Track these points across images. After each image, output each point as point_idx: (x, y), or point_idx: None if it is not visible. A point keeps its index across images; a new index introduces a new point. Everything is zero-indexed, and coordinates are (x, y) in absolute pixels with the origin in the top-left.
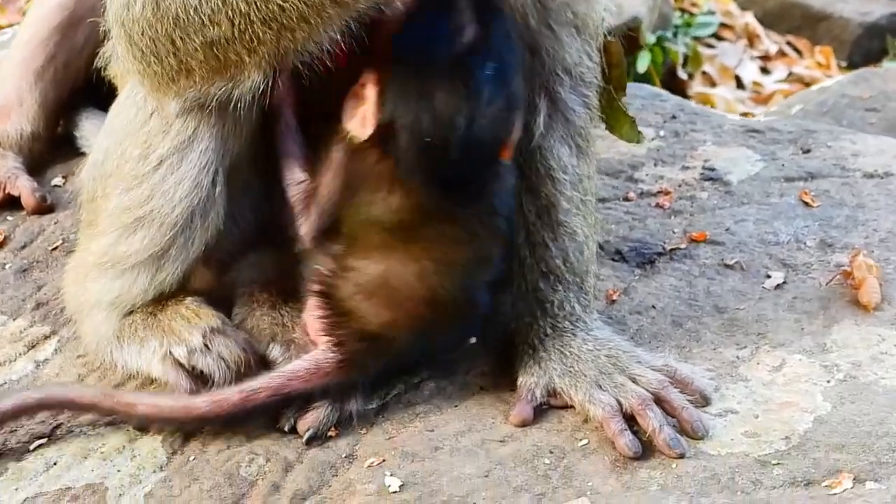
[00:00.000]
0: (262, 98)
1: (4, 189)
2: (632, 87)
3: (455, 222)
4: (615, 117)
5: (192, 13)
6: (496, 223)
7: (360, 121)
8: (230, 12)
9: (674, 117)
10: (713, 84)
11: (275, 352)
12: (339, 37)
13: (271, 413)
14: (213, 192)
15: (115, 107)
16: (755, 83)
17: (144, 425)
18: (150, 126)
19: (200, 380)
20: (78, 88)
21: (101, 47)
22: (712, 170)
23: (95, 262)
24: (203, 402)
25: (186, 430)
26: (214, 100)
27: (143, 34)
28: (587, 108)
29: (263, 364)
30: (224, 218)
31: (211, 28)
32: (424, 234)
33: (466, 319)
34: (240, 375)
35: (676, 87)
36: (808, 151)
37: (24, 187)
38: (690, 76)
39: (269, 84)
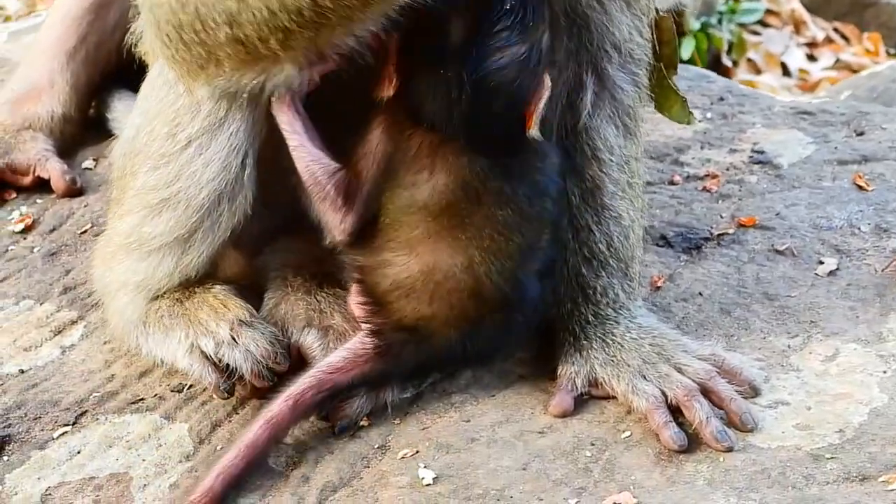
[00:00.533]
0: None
1: (34, 171)
2: (678, 69)
3: (502, 204)
4: (665, 96)
5: (211, 9)
6: (545, 205)
7: (386, 80)
8: (251, 15)
9: (721, 99)
10: (758, 71)
11: (310, 337)
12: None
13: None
14: (243, 175)
15: (146, 84)
16: (801, 70)
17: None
18: (180, 105)
19: (227, 373)
20: (110, 70)
21: (132, 26)
22: (761, 153)
23: (121, 242)
24: (261, 430)
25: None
26: (247, 91)
27: (168, 22)
28: (636, 87)
29: (291, 354)
30: (253, 202)
31: (232, 27)
32: (471, 218)
33: (516, 313)
34: (268, 370)
35: (721, 73)
36: (861, 134)
37: (54, 170)
38: (735, 63)
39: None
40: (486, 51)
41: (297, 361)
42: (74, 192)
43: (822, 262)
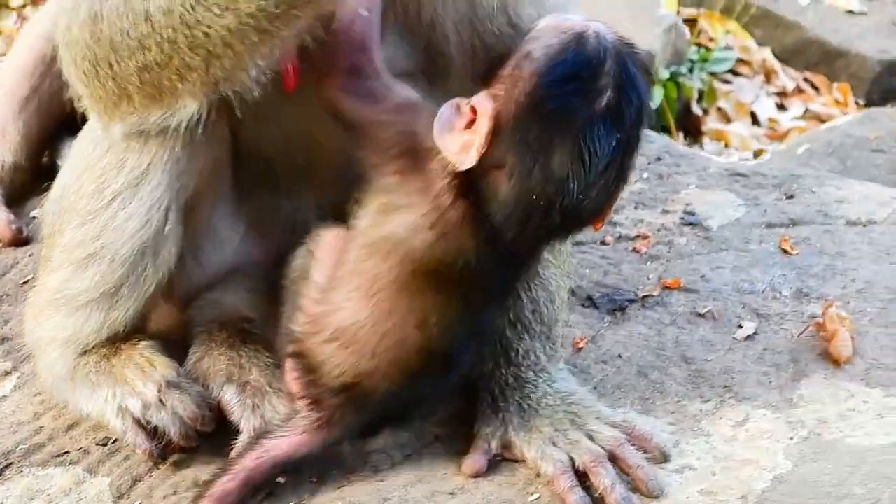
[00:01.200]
0: (199, 127)
1: None
2: None
3: (490, 283)
4: None
5: (124, 37)
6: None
7: (463, 146)
8: (159, 38)
9: (659, 159)
10: (728, 120)
11: (229, 394)
12: (275, 63)
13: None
14: (164, 228)
15: (77, 142)
16: (771, 120)
17: None
18: (106, 161)
19: (155, 435)
20: (63, 120)
21: None
22: (692, 214)
23: (50, 297)
24: None
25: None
26: (155, 127)
27: (83, 58)
28: None
29: (219, 413)
30: (177, 256)
31: (143, 53)
32: (453, 286)
33: (448, 375)
34: (195, 432)
35: (691, 123)
36: (791, 197)
37: (0, 219)
38: (706, 112)
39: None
40: (584, 186)
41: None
42: (20, 241)
43: (741, 327)
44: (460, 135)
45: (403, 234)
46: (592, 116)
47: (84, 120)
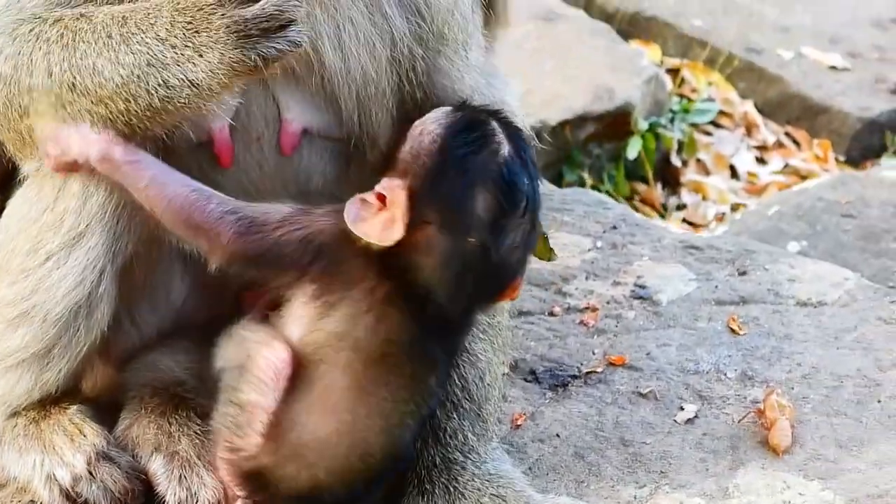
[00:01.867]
0: None
1: None
2: (576, 193)
3: (431, 368)
4: None
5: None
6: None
7: (384, 225)
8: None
9: (614, 227)
10: (707, 172)
11: (156, 464)
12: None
13: None
14: (98, 289)
15: (10, 203)
16: (750, 174)
17: None
18: (43, 221)
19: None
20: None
21: None
22: (643, 287)
23: None
24: None
25: None
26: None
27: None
28: None
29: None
30: (111, 317)
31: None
32: (403, 375)
33: (398, 467)
34: None
35: (669, 174)
36: (743, 273)
37: None
38: (685, 163)
39: None
40: (510, 227)
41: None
42: None
43: (682, 409)
44: (377, 217)
45: (346, 326)
46: (502, 157)
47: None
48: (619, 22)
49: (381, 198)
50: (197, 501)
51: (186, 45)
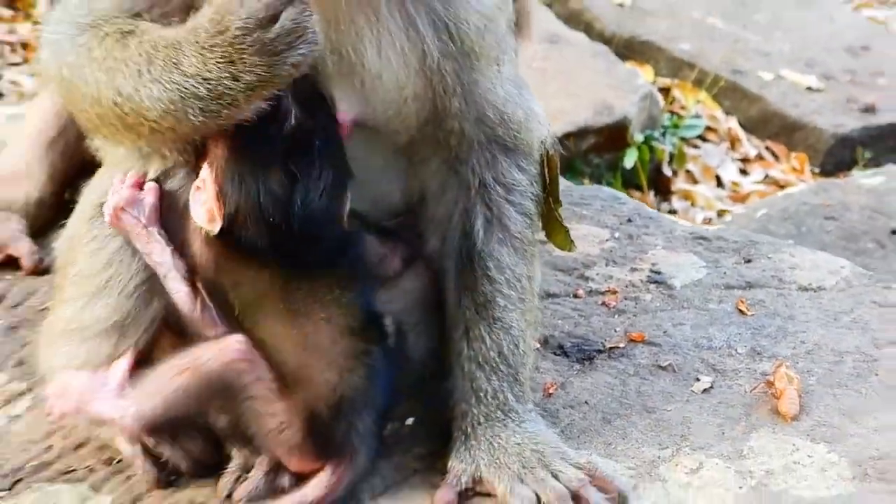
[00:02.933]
0: None
1: (5, 250)
2: (593, 190)
3: (313, 286)
4: (551, 226)
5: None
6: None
7: (208, 215)
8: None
9: (629, 220)
10: (695, 181)
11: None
12: None
13: None
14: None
15: (92, 181)
16: (734, 183)
17: None
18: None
19: (164, 468)
20: (87, 161)
21: None
22: (658, 273)
23: (63, 327)
24: None
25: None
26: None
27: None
28: (524, 216)
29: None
30: None
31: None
32: (289, 297)
33: (374, 354)
34: (202, 467)
35: (661, 182)
36: (749, 261)
37: (23, 250)
38: (675, 173)
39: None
40: (305, 195)
41: None
42: (41, 270)
43: (698, 380)
44: (202, 205)
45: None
46: (288, 133)
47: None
48: (616, 45)
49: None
50: (258, 456)
51: (223, 76)
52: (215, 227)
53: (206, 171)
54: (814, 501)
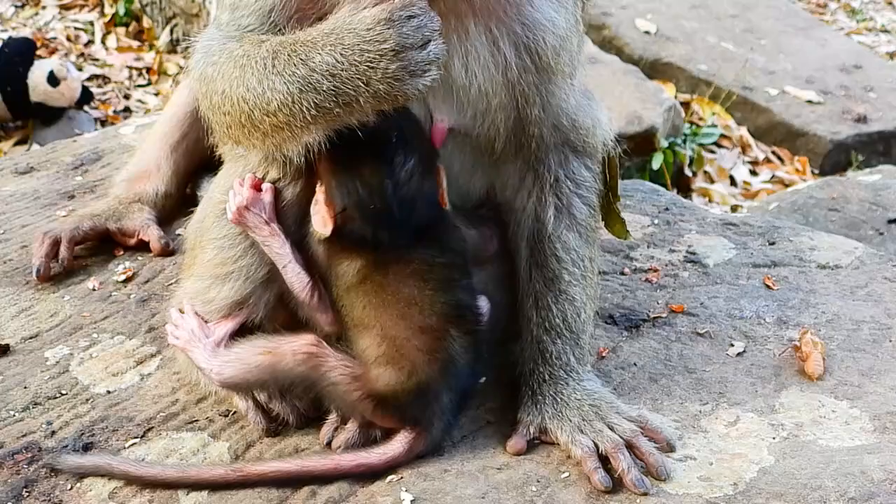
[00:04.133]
0: None
1: (138, 235)
2: (635, 183)
3: (410, 263)
4: (610, 217)
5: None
6: (454, 254)
7: (321, 221)
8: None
9: (667, 209)
10: (712, 181)
11: None
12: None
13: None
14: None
15: (216, 178)
16: (745, 182)
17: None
18: None
19: (273, 419)
20: (204, 161)
21: None
22: (694, 254)
23: (190, 300)
24: (327, 467)
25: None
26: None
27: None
28: (589, 207)
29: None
30: None
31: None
32: (387, 281)
33: (472, 323)
34: (306, 420)
35: (683, 182)
36: (773, 244)
37: (152, 235)
38: (694, 174)
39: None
40: (395, 180)
41: None
42: (167, 252)
43: (732, 345)
44: (317, 214)
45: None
46: (373, 142)
47: (220, 161)
48: (643, 66)
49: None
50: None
51: (356, 77)
52: (328, 231)
53: (318, 187)
54: (839, 450)
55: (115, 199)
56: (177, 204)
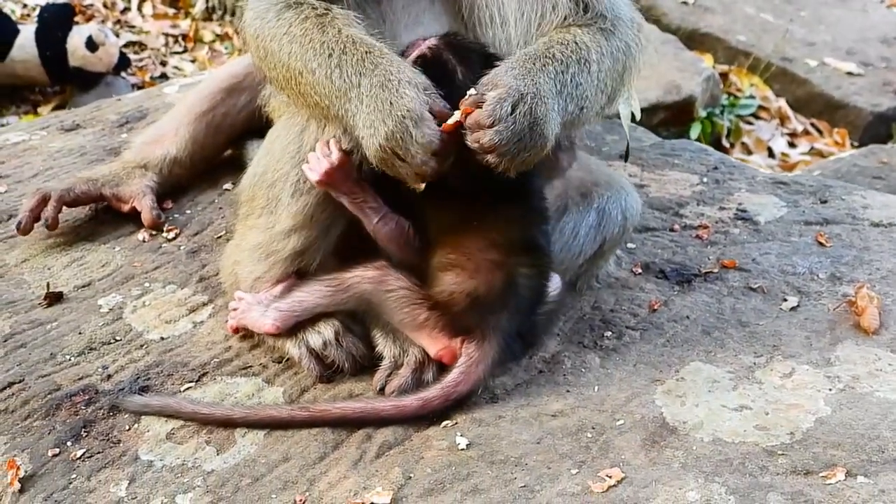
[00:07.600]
0: None
1: (131, 203)
2: (683, 143)
3: (493, 207)
4: None
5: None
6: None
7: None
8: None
9: (716, 168)
10: (749, 152)
11: (376, 330)
12: None
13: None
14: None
15: (273, 132)
16: (783, 154)
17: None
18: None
19: (327, 366)
20: (231, 139)
21: (255, 111)
22: (744, 211)
23: (250, 249)
24: (390, 407)
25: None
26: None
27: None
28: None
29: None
30: (344, 227)
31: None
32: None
33: (542, 260)
34: (361, 368)
35: (720, 152)
36: (825, 202)
37: (145, 205)
38: (732, 145)
39: None
40: None
41: None
42: (158, 225)
43: (786, 300)
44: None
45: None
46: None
47: (266, 121)
48: (681, 36)
49: None
50: (406, 355)
51: (380, 110)
52: (422, 186)
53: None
54: None
55: (120, 164)
56: (187, 175)
